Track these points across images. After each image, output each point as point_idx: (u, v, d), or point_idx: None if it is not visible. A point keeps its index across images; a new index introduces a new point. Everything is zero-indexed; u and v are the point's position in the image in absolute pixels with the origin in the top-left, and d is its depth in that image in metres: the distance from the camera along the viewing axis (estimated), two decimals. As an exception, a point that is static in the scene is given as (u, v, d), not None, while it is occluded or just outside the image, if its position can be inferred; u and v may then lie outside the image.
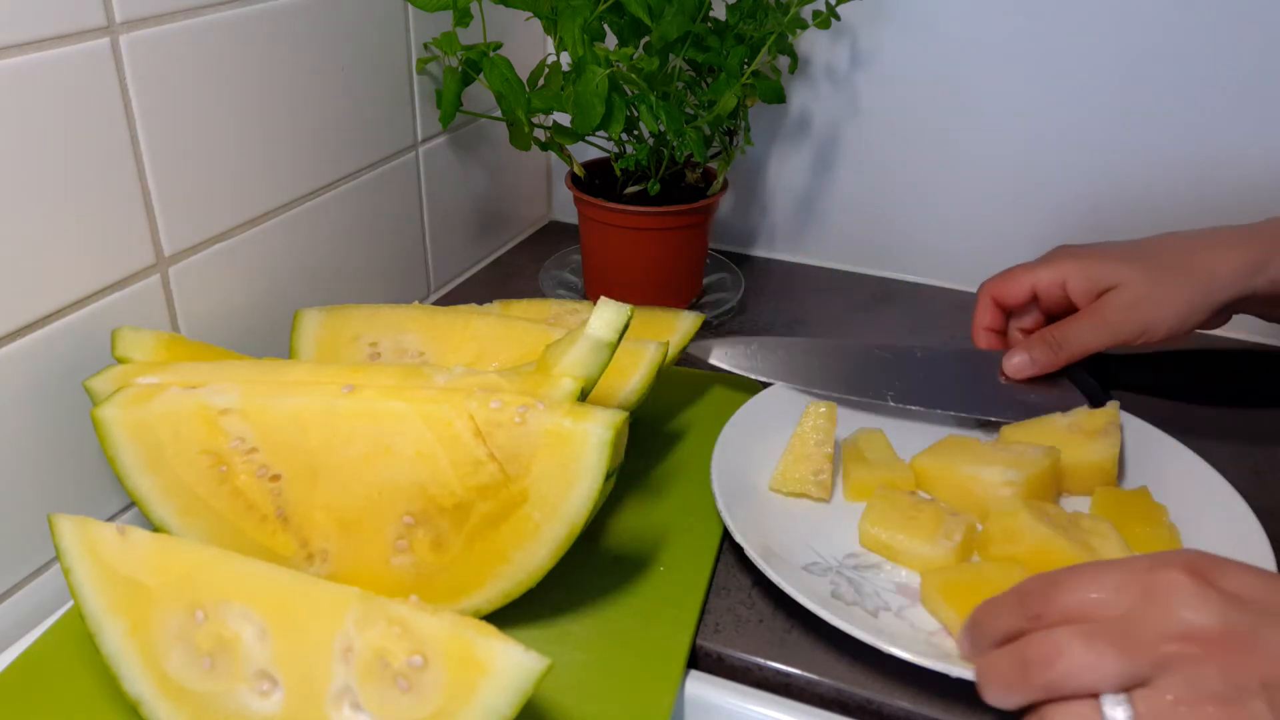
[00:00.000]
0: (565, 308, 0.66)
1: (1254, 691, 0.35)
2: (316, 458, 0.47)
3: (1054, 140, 0.78)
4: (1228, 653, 0.35)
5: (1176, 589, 0.36)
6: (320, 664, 0.40)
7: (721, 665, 0.48)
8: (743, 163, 0.88)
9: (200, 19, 0.53)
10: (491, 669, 0.37)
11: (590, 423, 0.44)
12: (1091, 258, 0.59)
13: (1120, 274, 0.57)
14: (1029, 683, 0.38)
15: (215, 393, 0.48)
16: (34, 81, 0.46)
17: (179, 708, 0.41)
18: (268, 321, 0.63)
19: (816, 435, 0.58)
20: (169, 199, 0.54)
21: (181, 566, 0.42)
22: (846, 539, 0.54)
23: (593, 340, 0.47)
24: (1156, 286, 0.56)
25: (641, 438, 0.62)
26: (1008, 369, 0.61)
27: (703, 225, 0.76)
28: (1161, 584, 0.37)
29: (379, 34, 0.68)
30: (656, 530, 0.55)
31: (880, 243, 0.88)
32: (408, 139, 0.74)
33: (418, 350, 0.60)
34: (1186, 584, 0.36)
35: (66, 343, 0.50)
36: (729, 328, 0.78)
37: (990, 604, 0.42)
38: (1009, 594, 0.41)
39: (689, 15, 0.66)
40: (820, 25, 0.70)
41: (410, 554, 0.47)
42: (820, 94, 0.84)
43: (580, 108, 0.64)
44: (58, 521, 0.43)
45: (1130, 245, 0.60)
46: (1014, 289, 0.62)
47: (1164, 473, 0.57)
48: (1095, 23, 0.74)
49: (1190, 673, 0.35)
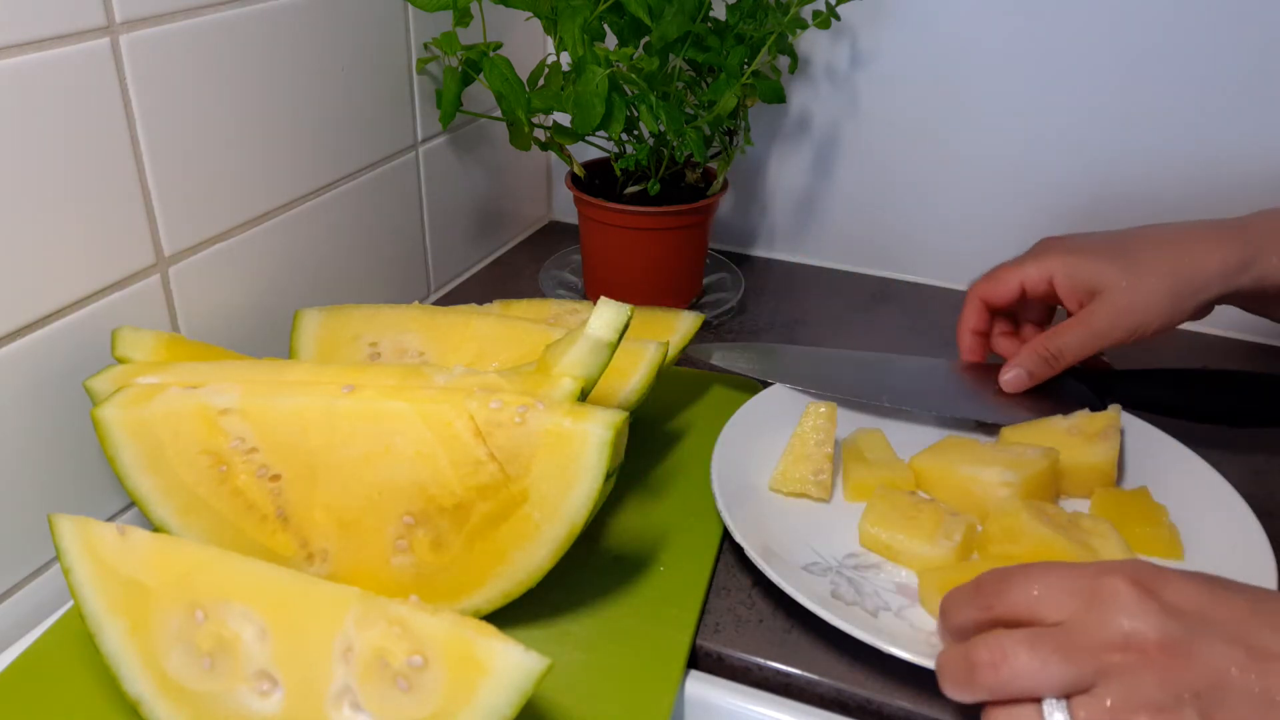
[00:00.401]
0: (565, 308, 0.66)
1: (1187, 700, 0.36)
2: (316, 458, 0.47)
3: (1053, 140, 0.78)
4: (1165, 662, 0.36)
5: (1118, 597, 0.38)
6: (320, 664, 0.40)
7: (721, 665, 0.48)
8: (743, 163, 0.88)
9: (200, 19, 0.53)
10: (491, 669, 0.37)
11: (590, 423, 0.44)
12: (1077, 255, 0.60)
13: (1105, 277, 0.58)
14: (975, 683, 0.39)
15: (215, 393, 0.48)
16: (34, 81, 0.46)
17: (179, 708, 0.41)
18: (268, 321, 0.63)
19: (816, 435, 0.58)
20: (169, 199, 0.54)
21: (181, 566, 0.42)
22: (846, 539, 0.54)
23: (593, 340, 0.47)
24: (1141, 289, 0.57)
25: (641, 438, 0.62)
26: (1005, 385, 0.62)
27: (703, 225, 0.76)
28: (1105, 590, 0.38)
29: (379, 34, 0.68)
30: (656, 530, 0.55)
31: (880, 243, 0.88)
32: (408, 139, 0.74)
33: (418, 350, 0.60)
34: (1128, 593, 0.37)
35: (66, 343, 0.50)
36: (729, 328, 0.78)
37: (953, 594, 0.43)
38: (969, 585, 0.43)
39: (689, 15, 0.66)
40: (820, 25, 0.70)
41: (410, 554, 0.47)
42: (820, 94, 0.84)
43: (580, 108, 0.64)
44: (58, 521, 0.43)
45: (1113, 239, 0.60)
46: (1003, 289, 0.62)
47: (1164, 473, 0.57)
48: (1095, 23, 0.74)
49: (1128, 681, 0.36)
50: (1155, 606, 0.37)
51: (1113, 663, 0.37)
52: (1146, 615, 0.37)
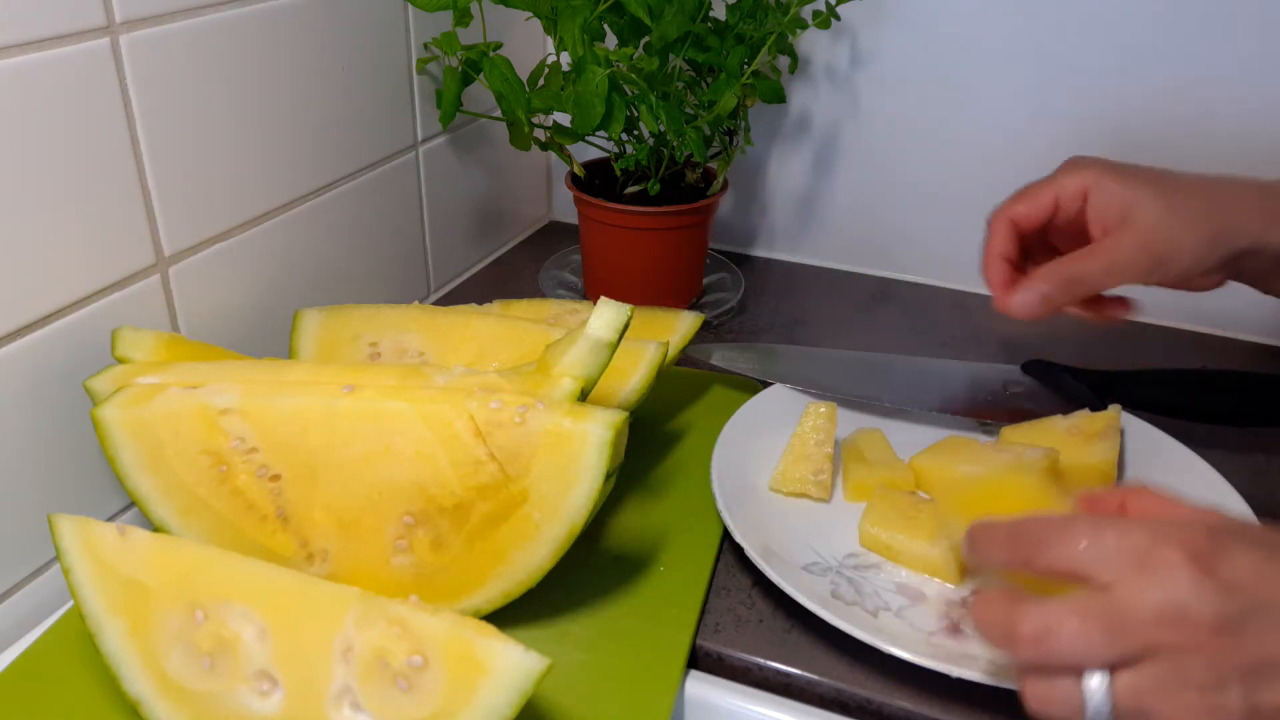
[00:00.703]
0: (565, 308, 0.66)
1: (1234, 681, 0.35)
2: (316, 458, 0.47)
3: (1053, 140, 0.78)
4: (1216, 643, 0.35)
5: (1174, 571, 0.36)
6: (320, 664, 0.40)
7: (721, 665, 0.48)
8: (743, 163, 0.88)
9: (200, 19, 0.53)
10: (491, 669, 0.37)
11: (590, 423, 0.44)
12: (1115, 171, 0.54)
13: (1141, 201, 0.53)
14: (1017, 650, 0.38)
15: (215, 393, 0.48)
16: (34, 81, 0.46)
17: (179, 708, 0.41)
18: (268, 321, 0.63)
19: (816, 435, 0.58)
20: (169, 199, 0.54)
21: (181, 566, 0.42)
22: (846, 539, 0.54)
23: (593, 340, 0.47)
24: (1175, 222, 0.52)
25: (641, 438, 0.62)
26: (1015, 306, 0.54)
27: (703, 225, 0.76)
28: (1159, 561, 0.36)
29: (379, 34, 0.68)
30: (656, 530, 0.55)
31: (880, 243, 0.88)
32: (408, 139, 0.74)
33: (418, 350, 0.60)
34: (1184, 569, 0.36)
35: (66, 343, 0.50)
36: (729, 328, 0.78)
37: (986, 531, 0.42)
38: (1004, 529, 0.41)
39: (689, 15, 0.66)
40: (820, 25, 0.70)
41: (410, 554, 0.47)
42: (820, 94, 0.84)
43: (580, 108, 0.64)
44: (58, 521, 0.43)
45: (1152, 170, 0.55)
46: (1037, 204, 0.56)
47: (1164, 473, 0.57)
48: (1095, 23, 0.74)
49: (1176, 660, 0.35)
50: (1211, 585, 0.35)
51: (1161, 640, 0.35)
52: (1201, 594, 0.35)
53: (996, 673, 0.43)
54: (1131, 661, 0.36)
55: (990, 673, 0.43)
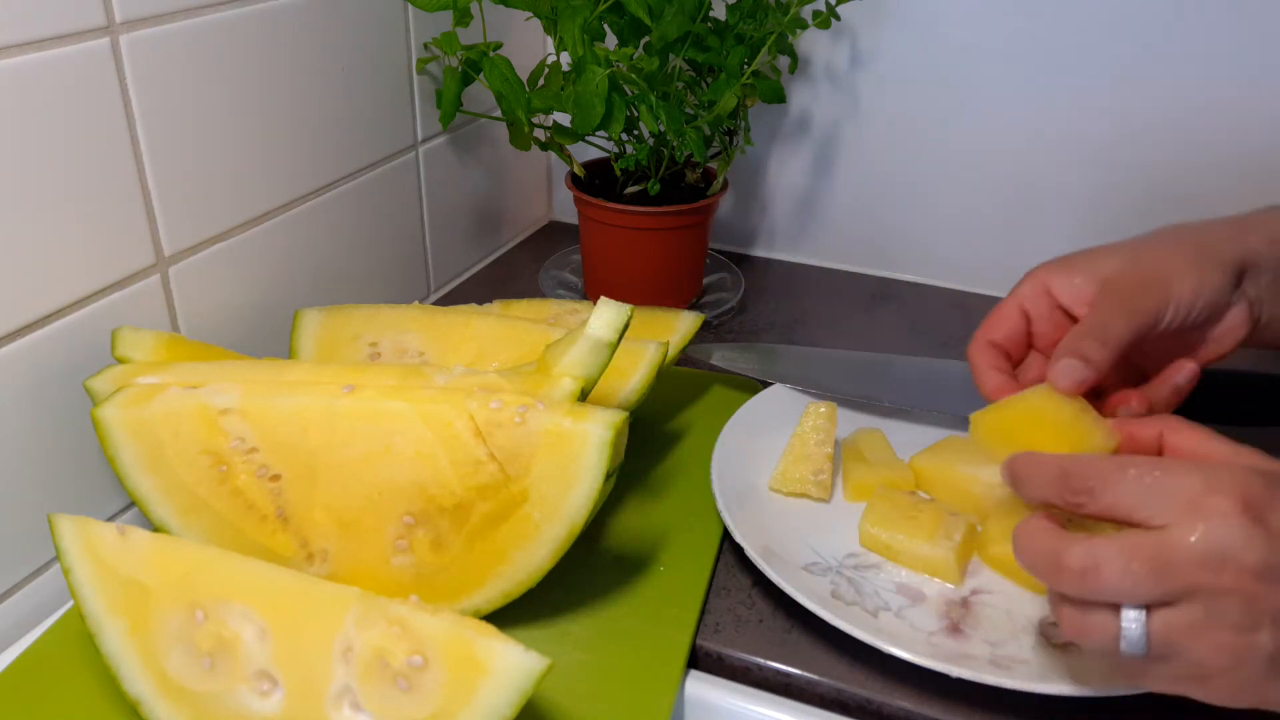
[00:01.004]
0: (565, 308, 0.66)
1: (1266, 624, 0.36)
2: (316, 458, 0.47)
3: (1053, 141, 0.78)
4: (1256, 589, 0.36)
5: (1226, 521, 0.36)
6: (320, 664, 0.40)
7: (721, 665, 0.48)
8: (743, 163, 0.88)
9: (200, 19, 0.53)
10: (491, 669, 0.37)
11: (590, 423, 0.44)
12: (1068, 260, 0.53)
13: (1106, 258, 0.51)
14: (1059, 582, 0.39)
15: (215, 393, 0.48)
16: (34, 81, 0.46)
17: (179, 708, 0.41)
18: (268, 321, 0.63)
19: (816, 435, 0.58)
20: (169, 199, 0.54)
21: (181, 566, 0.42)
22: (846, 539, 0.54)
23: (593, 340, 0.47)
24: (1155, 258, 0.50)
25: (641, 438, 0.62)
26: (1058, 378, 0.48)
27: (703, 225, 0.76)
28: (1211, 509, 0.36)
29: (379, 34, 0.68)
30: (656, 530, 0.55)
31: (880, 243, 0.88)
32: (408, 139, 0.74)
33: (418, 350, 0.60)
34: (1236, 519, 0.36)
35: (66, 343, 0.50)
36: (729, 328, 0.78)
37: (1033, 466, 0.42)
38: (1052, 466, 0.41)
39: (689, 15, 0.66)
40: (820, 25, 0.70)
41: (410, 554, 0.47)
42: (820, 94, 0.84)
43: (580, 108, 0.64)
44: (58, 521, 0.43)
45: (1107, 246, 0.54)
46: (1004, 318, 0.54)
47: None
48: (1095, 23, 0.74)
49: (1214, 601, 0.36)
50: (1261, 534, 0.36)
51: (1204, 583, 0.36)
52: (1250, 544, 0.36)
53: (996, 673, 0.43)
54: (1172, 601, 0.37)
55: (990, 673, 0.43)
